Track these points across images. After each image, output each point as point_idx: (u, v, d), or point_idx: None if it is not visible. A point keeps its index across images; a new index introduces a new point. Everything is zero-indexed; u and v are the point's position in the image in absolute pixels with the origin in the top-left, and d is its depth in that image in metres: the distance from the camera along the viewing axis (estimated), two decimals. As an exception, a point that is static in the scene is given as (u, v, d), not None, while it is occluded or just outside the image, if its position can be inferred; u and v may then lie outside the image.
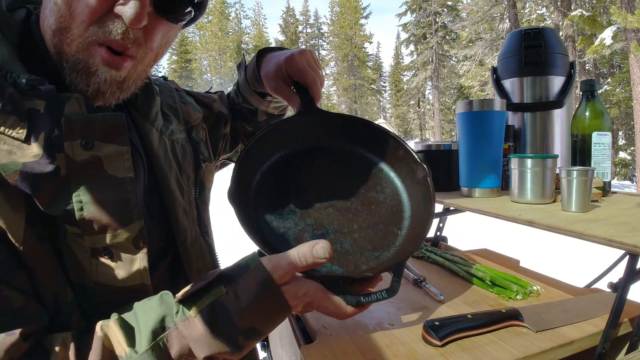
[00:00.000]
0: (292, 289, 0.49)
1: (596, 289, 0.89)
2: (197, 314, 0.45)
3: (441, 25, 26.80)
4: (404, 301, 0.84)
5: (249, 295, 0.46)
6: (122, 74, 0.50)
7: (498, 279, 0.90)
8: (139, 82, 0.55)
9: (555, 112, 1.17)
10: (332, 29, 31.75)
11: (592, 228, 0.66)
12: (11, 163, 0.43)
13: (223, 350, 0.46)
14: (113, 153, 0.49)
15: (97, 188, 0.47)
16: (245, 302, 0.46)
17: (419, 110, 33.73)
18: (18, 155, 0.43)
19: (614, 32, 8.49)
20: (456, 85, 26.55)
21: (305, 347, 0.67)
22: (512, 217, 0.78)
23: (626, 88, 11.91)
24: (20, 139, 0.44)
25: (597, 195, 0.89)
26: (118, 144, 0.49)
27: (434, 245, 1.28)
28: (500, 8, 14.63)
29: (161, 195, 0.61)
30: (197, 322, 0.45)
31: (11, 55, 0.46)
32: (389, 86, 42.20)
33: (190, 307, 0.46)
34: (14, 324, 0.42)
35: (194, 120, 0.75)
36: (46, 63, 0.50)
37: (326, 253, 0.49)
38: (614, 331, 0.64)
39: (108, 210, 0.48)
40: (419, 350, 0.64)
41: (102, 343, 0.44)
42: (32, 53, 0.50)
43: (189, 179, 0.68)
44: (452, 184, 1.14)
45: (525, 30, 1.18)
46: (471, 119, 1.01)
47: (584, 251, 4.29)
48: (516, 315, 0.71)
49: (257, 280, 0.47)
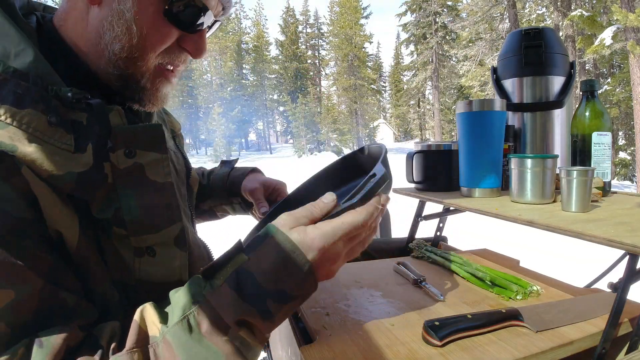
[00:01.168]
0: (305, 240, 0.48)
1: (596, 289, 0.89)
2: (223, 282, 0.46)
3: (441, 25, 26.80)
4: (404, 301, 0.84)
5: (271, 257, 0.47)
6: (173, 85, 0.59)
7: (498, 279, 0.90)
8: None
9: (555, 112, 1.17)
10: (332, 29, 31.73)
11: (592, 228, 0.66)
12: (67, 174, 0.46)
13: (253, 314, 0.46)
14: (153, 160, 0.53)
15: (141, 193, 0.51)
16: (268, 265, 0.47)
17: (419, 110, 33.74)
18: (71, 165, 0.46)
19: (613, 32, 8.49)
20: (456, 86, 26.56)
21: (305, 347, 0.66)
22: (512, 217, 0.78)
23: (626, 88, 11.91)
24: (70, 150, 0.46)
25: (597, 195, 0.89)
26: (158, 152, 0.54)
27: (434, 245, 1.28)
28: (500, 8, 14.63)
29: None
30: (224, 290, 0.46)
31: (45, 65, 0.48)
32: (389, 86, 42.23)
33: (216, 279, 0.47)
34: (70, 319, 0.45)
35: (177, 130, 0.81)
36: (70, 68, 0.53)
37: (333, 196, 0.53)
38: (614, 331, 0.64)
39: (152, 212, 0.52)
40: (419, 350, 0.64)
41: (138, 326, 0.45)
42: (54, 58, 0.51)
43: (183, 183, 0.72)
44: (452, 184, 1.14)
45: (525, 30, 1.18)
46: (471, 119, 1.01)
47: (584, 251, 4.29)
48: (516, 315, 0.71)
49: (277, 242, 0.48)
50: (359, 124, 28.89)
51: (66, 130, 0.46)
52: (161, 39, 0.53)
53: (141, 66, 0.54)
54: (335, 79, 30.36)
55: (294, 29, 34.81)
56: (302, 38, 35.94)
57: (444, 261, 1.06)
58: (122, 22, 0.51)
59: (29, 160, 0.43)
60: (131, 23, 0.51)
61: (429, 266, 1.09)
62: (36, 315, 0.42)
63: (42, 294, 0.43)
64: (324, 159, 22.60)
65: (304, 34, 36.05)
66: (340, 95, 30.35)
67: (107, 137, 0.49)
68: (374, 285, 0.95)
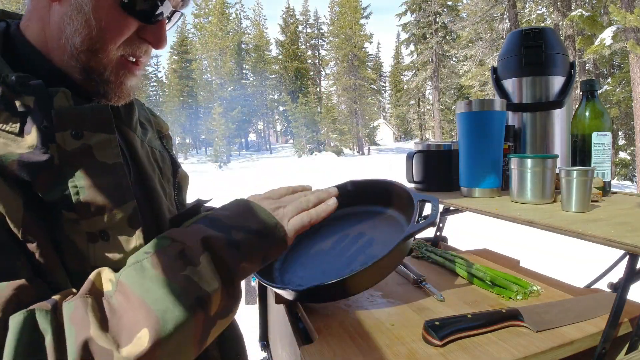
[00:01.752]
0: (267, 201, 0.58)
1: (596, 289, 0.89)
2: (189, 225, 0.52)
3: (441, 25, 26.79)
4: (404, 301, 0.84)
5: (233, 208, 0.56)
6: (137, 80, 0.61)
7: (498, 279, 0.90)
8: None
9: (555, 112, 1.17)
10: (332, 29, 31.72)
11: (592, 228, 0.66)
12: (8, 154, 0.46)
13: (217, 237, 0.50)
14: (102, 141, 0.53)
15: (89, 174, 0.51)
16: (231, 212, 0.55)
17: (419, 110, 33.72)
18: (14, 147, 0.47)
19: (613, 32, 8.49)
20: (456, 85, 26.55)
21: (305, 347, 0.66)
22: (512, 217, 0.78)
23: (626, 88, 11.90)
24: (15, 132, 0.48)
25: (597, 195, 0.89)
26: (106, 133, 0.54)
27: (434, 245, 1.28)
28: (500, 8, 14.63)
29: (147, 195, 0.65)
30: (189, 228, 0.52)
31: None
32: (389, 86, 42.22)
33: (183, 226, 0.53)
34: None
35: (165, 131, 0.83)
36: (34, 65, 0.56)
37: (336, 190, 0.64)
38: (614, 331, 0.64)
39: (102, 193, 0.51)
40: (419, 350, 0.64)
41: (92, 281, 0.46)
42: (17, 57, 0.55)
43: (169, 182, 0.74)
44: (452, 184, 1.14)
45: (525, 30, 1.18)
46: (471, 119, 1.01)
47: (584, 251, 4.29)
48: (516, 315, 0.71)
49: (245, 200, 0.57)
50: (359, 124, 28.88)
51: (12, 114, 0.48)
52: (120, 30, 0.54)
53: (102, 58, 0.55)
54: (335, 79, 30.34)
55: (294, 29, 34.78)
56: (302, 38, 35.92)
57: (444, 261, 1.06)
58: (81, 16, 0.53)
59: None
60: (89, 16, 0.53)
61: (429, 266, 1.09)
62: None
63: None
64: (324, 159, 22.60)
65: (304, 34, 36.04)
66: (340, 95, 30.34)
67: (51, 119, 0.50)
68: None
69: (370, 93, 30.91)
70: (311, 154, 25.45)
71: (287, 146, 34.37)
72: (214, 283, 0.47)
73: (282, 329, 0.90)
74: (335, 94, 32.21)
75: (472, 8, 15.97)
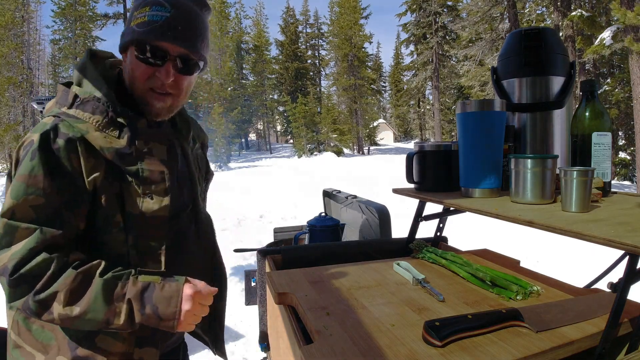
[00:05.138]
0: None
1: (596, 289, 0.89)
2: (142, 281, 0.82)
3: (441, 25, 26.77)
4: (404, 301, 0.84)
5: (166, 294, 0.82)
6: (168, 104, 0.91)
7: (498, 279, 0.90)
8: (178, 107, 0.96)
9: (555, 112, 1.17)
10: (332, 29, 31.67)
11: (592, 228, 0.66)
12: (110, 147, 0.84)
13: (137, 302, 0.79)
14: (158, 147, 0.92)
15: (149, 162, 0.89)
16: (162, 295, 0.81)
17: (419, 110, 33.71)
18: (114, 144, 0.85)
19: (613, 32, 8.48)
20: (456, 86, 26.54)
21: (305, 347, 0.67)
22: (512, 217, 0.78)
23: (626, 88, 11.89)
24: (115, 137, 0.85)
25: (597, 196, 0.89)
26: (160, 143, 0.93)
27: (434, 245, 1.28)
28: (500, 8, 14.61)
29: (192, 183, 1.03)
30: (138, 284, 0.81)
31: (109, 93, 0.87)
32: (389, 86, 42.19)
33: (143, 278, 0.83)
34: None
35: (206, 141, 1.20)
36: (129, 98, 0.91)
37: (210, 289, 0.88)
38: (614, 331, 0.64)
39: (154, 174, 0.89)
40: (419, 350, 0.64)
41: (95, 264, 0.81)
42: (121, 93, 0.91)
43: (202, 177, 1.13)
44: (452, 184, 1.14)
45: (525, 31, 1.18)
46: (471, 119, 1.01)
47: (584, 251, 4.29)
48: (516, 316, 0.71)
49: (177, 287, 0.83)
50: (359, 124, 28.83)
51: (115, 127, 0.86)
52: (140, 73, 0.87)
53: (136, 91, 0.90)
54: (335, 79, 30.27)
55: (294, 29, 34.75)
56: (302, 38, 35.90)
57: (444, 261, 1.06)
58: (126, 66, 0.91)
59: (92, 138, 0.82)
60: (128, 67, 0.89)
61: (429, 266, 1.09)
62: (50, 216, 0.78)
63: (59, 209, 0.79)
64: (324, 159, 22.58)
65: (304, 34, 36.01)
66: (340, 95, 30.28)
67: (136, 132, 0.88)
68: (374, 285, 0.95)
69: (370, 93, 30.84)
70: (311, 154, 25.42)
71: (287, 146, 34.35)
72: (123, 316, 0.79)
73: (282, 328, 0.90)
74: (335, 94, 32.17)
75: (472, 8, 15.96)
